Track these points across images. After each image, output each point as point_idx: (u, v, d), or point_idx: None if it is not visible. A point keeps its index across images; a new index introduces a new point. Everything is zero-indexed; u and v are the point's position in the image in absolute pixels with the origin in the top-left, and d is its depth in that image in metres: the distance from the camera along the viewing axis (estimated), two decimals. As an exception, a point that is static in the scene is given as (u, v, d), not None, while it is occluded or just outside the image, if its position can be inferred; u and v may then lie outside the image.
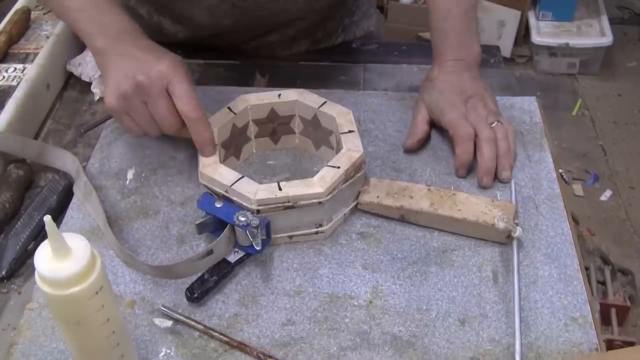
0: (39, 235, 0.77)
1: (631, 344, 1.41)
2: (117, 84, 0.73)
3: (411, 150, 0.86)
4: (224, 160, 0.80)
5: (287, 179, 0.80)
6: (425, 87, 0.89)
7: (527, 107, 0.94)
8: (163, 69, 0.72)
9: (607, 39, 2.60)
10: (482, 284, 0.72)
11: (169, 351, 0.66)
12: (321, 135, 0.84)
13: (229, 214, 0.71)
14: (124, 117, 0.75)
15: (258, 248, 0.70)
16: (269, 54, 1.06)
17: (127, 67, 0.72)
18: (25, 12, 1.06)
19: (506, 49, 2.68)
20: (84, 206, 0.80)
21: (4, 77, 0.95)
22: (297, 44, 1.06)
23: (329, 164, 0.75)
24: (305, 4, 0.97)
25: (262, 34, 1.03)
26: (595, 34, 2.63)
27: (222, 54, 1.05)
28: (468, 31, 0.88)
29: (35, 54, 0.98)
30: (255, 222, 0.70)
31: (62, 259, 0.51)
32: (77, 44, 1.04)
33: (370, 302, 0.70)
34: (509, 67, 2.33)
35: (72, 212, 0.80)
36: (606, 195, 2.17)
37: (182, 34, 1.03)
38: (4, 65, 0.98)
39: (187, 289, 0.70)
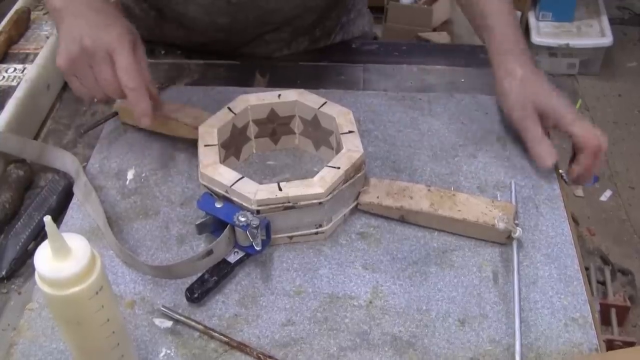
0: (39, 235, 0.76)
1: (631, 344, 1.41)
2: (66, 45, 0.73)
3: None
4: (224, 161, 0.80)
5: (287, 180, 0.80)
6: (522, 86, 0.84)
7: (527, 107, 0.94)
8: (110, 36, 0.73)
9: (607, 39, 2.60)
10: (482, 284, 0.72)
11: (169, 351, 0.66)
12: (321, 135, 0.84)
13: (229, 214, 0.71)
14: (72, 79, 0.76)
15: (258, 248, 0.70)
16: (267, 54, 1.06)
17: (77, 29, 0.73)
18: (25, 12, 1.06)
19: (506, 49, 2.67)
20: (84, 206, 0.80)
21: (4, 77, 0.95)
22: (296, 43, 1.06)
23: (329, 164, 0.75)
24: (300, 2, 0.97)
25: (259, 33, 1.03)
26: (595, 34, 2.63)
27: (222, 54, 1.05)
28: (518, 21, 0.89)
29: (35, 54, 0.98)
30: (255, 222, 0.70)
31: (62, 259, 0.51)
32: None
33: (370, 302, 0.70)
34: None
35: (72, 212, 0.80)
36: (606, 195, 2.17)
37: (179, 36, 1.03)
38: (4, 66, 0.98)
39: (187, 289, 0.70)
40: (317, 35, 1.07)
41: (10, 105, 0.88)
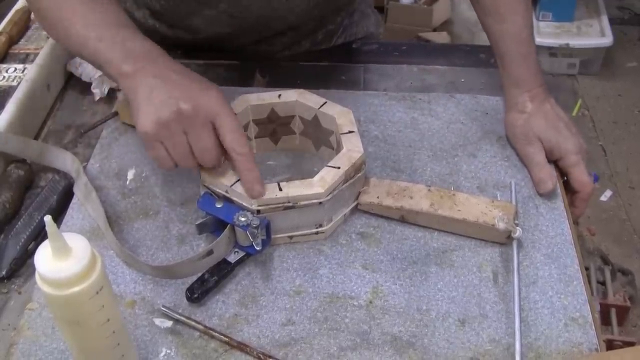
0: (39, 235, 0.77)
1: (631, 344, 1.40)
2: (156, 108, 0.67)
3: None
4: (224, 161, 0.80)
5: (287, 180, 0.80)
6: (528, 121, 0.84)
7: (527, 107, 0.94)
8: (211, 100, 0.68)
9: (607, 39, 2.60)
10: (482, 284, 0.72)
11: (169, 351, 0.66)
12: (321, 135, 0.84)
13: (229, 214, 0.71)
14: (157, 145, 0.69)
15: (258, 248, 0.70)
16: (268, 55, 1.06)
17: (167, 91, 0.67)
18: (26, 13, 1.06)
19: (506, 49, 2.67)
20: (84, 206, 0.80)
21: (4, 77, 0.95)
22: (297, 45, 1.06)
23: (329, 164, 0.75)
24: (303, 11, 0.97)
25: (261, 38, 1.03)
26: (595, 34, 2.63)
27: (222, 54, 1.05)
28: (536, 53, 0.86)
29: (36, 54, 0.98)
30: (256, 222, 0.70)
31: (63, 259, 0.51)
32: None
33: (370, 302, 0.71)
34: (509, 67, 2.32)
35: (73, 212, 0.80)
36: (606, 195, 2.17)
37: (180, 38, 1.03)
38: (4, 66, 0.98)
39: (188, 289, 0.70)
40: (319, 39, 1.07)
41: (11, 105, 0.88)
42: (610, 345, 1.33)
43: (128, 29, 0.74)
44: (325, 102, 0.83)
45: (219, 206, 0.73)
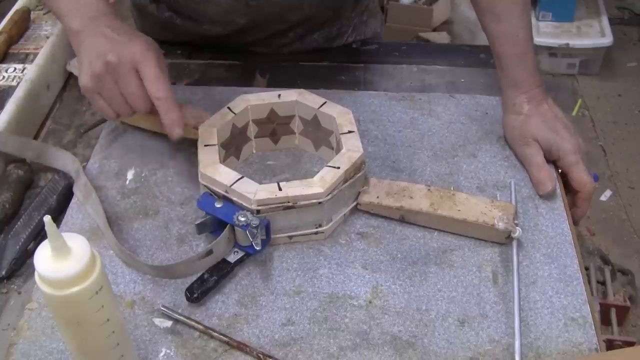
0: (39, 235, 0.77)
1: (631, 344, 1.40)
2: (89, 64, 0.72)
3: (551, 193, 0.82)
4: (223, 161, 0.80)
5: (287, 179, 0.80)
6: (525, 122, 0.84)
7: (527, 107, 0.94)
8: (134, 50, 0.72)
9: (607, 39, 2.60)
10: (482, 284, 0.72)
11: (168, 351, 0.66)
12: (321, 135, 0.84)
13: (229, 214, 0.71)
14: (96, 97, 0.75)
15: (258, 248, 0.70)
16: (279, 48, 1.06)
17: (99, 47, 0.72)
18: (25, 12, 1.06)
19: (506, 49, 2.67)
20: (83, 206, 0.80)
21: (3, 77, 0.95)
22: (309, 39, 1.06)
23: (328, 164, 0.75)
24: (318, 1, 0.97)
25: (275, 30, 1.03)
26: (595, 34, 2.63)
27: (223, 54, 1.05)
28: (534, 54, 0.86)
29: (35, 54, 0.98)
30: (255, 222, 0.70)
31: (62, 259, 0.51)
32: (77, 44, 1.04)
33: (370, 302, 0.70)
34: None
35: (72, 212, 0.80)
36: (606, 195, 2.17)
37: (192, 33, 1.03)
38: (4, 66, 0.98)
39: (187, 289, 0.70)
40: (333, 35, 1.07)
41: (10, 105, 0.88)
42: (610, 345, 1.33)
43: None
44: (325, 102, 0.83)
45: (218, 206, 0.73)
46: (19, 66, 0.97)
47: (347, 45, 1.09)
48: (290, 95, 0.84)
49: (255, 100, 0.84)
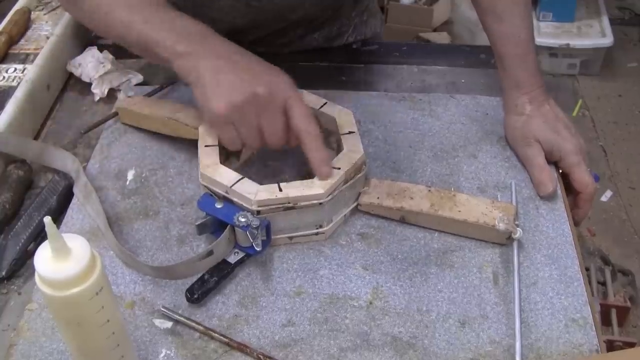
0: (39, 236, 0.76)
1: (632, 344, 1.40)
2: (229, 90, 0.68)
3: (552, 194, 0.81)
4: (224, 161, 0.80)
5: (287, 180, 0.80)
6: (527, 123, 0.84)
7: (528, 107, 0.93)
8: (282, 84, 0.70)
9: (607, 40, 2.60)
10: (483, 285, 0.72)
11: (169, 352, 0.66)
12: (321, 136, 0.84)
13: (229, 215, 0.71)
14: (228, 127, 0.71)
15: (258, 249, 0.70)
16: (279, 47, 1.05)
17: (235, 74, 0.69)
18: (26, 13, 1.06)
19: (506, 49, 2.67)
20: (84, 207, 0.80)
21: (4, 77, 0.95)
22: (310, 38, 1.06)
23: (329, 164, 0.75)
24: (318, 0, 0.97)
25: (275, 30, 1.03)
26: (595, 34, 2.63)
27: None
28: (535, 54, 0.86)
29: (36, 55, 0.98)
30: (256, 223, 0.70)
31: (62, 259, 0.51)
32: (77, 44, 1.04)
33: (371, 303, 0.70)
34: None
35: (72, 212, 0.80)
36: (606, 195, 2.17)
37: None
38: (4, 66, 0.98)
39: (187, 290, 0.70)
40: (333, 35, 1.07)
41: (10, 105, 0.88)
42: (611, 346, 1.33)
43: (173, 9, 0.74)
44: (326, 103, 0.83)
45: (219, 207, 0.73)
46: (19, 66, 0.97)
47: (348, 45, 1.09)
48: None
49: (256, 100, 0.83)
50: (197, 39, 0.72)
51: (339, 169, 0.74)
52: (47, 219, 0.50)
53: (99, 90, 0.96)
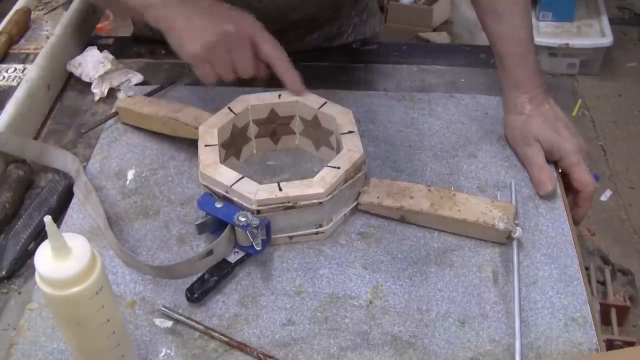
0: (39, 235, 0.76)
1: (631, 344, 1.40)
2: (200, 32, 0.74)
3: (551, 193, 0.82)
4: (224, 161, 0.80)
5: (287, 180, 0.80)
6: (527, 122, 0.84)
7: (527, 107, 0.94)
8: (248, 21, 0.77)
9: (607, 39, 2.60)
10: (482, 284, 0.72)
11: (169, 351, 0.66)
12: (321, 135, 0.84)
13: (229, 214, 0.71)
14: (205, 64, 0.77)
15: (258, 248, 0.70)
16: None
17: (205, 17, 0.75)
18: (26, 12, 1.06)
19: (506, 49, 2.67)
20: (84, 206, 0.80)
21: (4, 77, 0.95)
22: (309, 38, 1.06)
23: (329, 164, 0.75)
24: (318, 0, 0.98)
25: (275, 30, 1.03)
26: (595, 34, 2.63)
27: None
28: (535, 54, 0.86)
29: (36, 54, 0.98)
30: (256, 222, 0.70)
31: (63, 259, 0.51)
32: (77, 44, 1.04)
33: (370, 302, 0.70)
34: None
35: (72, 212, 0.80)
36: (606, 195, 2.17)
37: None
38: (4, 66, 0.98)
39: (188, 289, 0.70)
40: (333, 34, 1.07)
41: (10, 105, 0.88)
42: (610, 345, 1.33)
43: None
44: (325, 102, 0.83)
45: (219, 206, 0.73)
46: (20, 66, 0.97)
47: (347, 45, 1.09)
48: (290, 95, 0.84)
49: (256, 100, 0.84)
50: None
51: (339, 168, 0.74)
52: (48, 219, 0.50)
53: (99, 90, 0.96)
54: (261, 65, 0.79)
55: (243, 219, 0.70)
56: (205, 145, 0.77)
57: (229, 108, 0.83)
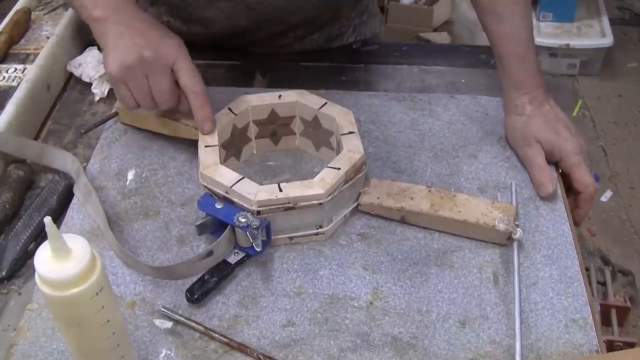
0: (39, 236, 0.76)
1: (632, 345, 1.40)
2: (122, 53, 0.74)
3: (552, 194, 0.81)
4: (224, 161, 0.80)
5: (288, 180, 0.80)
6: (527, 123, 0.84)
7: (528, 108, 0.93)
8: (171, 47, 0.75)
9: (607, 40, 2.60)
10: (483, 285, 0.72)
11: (169, 352, 0.66)
12: (321, 136, 0.84)
13: (229, 215, 0.71)
14: (121, 86, 0.76)
15: (258, 249, 0.70)
16: (279, 49, 1.05)
17: (131, 39, 0.74)
18: (26, 13, 1.06)
19: (506, 49, 2.67)
20: (84, 207, 0.80)
21: (4, 77, 0.95)
22: (309, 39, 1.06)
23: (329, 165, 0.75)
24: (318, 2, 0.97)
25: (275, 32, 1.03)
26: (595, 34, 2.63)
27: (223, 55, 1.05)
28: (535, 54, 0.86)
29: (36, 55, 0.98)
30: (256, 223, 0.70)
31: (63, 259, 0.51)
32: (77, 44, 1.04)
33: (371, 303, 0.70)
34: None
35: (72, 212, 0.80)
36: (606, 195, 2.17)
37: (195, 34, 1.03)
38: (4, 66, 0.98)
39: (188, 290, 0.70)
40: (333, 35, 1.07)
41: (10, 105, 0.88)
42: (611, 346, 1.33)
43: None
44: (326, 103, 0.83)
45: (219, 207, 0.73)
46: (20, 66, 0.97)
47: (348, 45, 1.09)
48: (290, 95, 0.84)
49: (256, 100, 0.84)
50: (112, 6, 0.78)
51: (339, 169, 0.74)
52: (48, 219, 0.50)
53: (99, 90, 0.96)
54: (183, 97, 0.78)
55: (243, 220, 0.70)
56: (206, 146, 0.77)
57: (229, 108, 0.82)
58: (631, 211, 2.14)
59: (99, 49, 0.99)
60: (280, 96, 0.84)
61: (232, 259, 0.72)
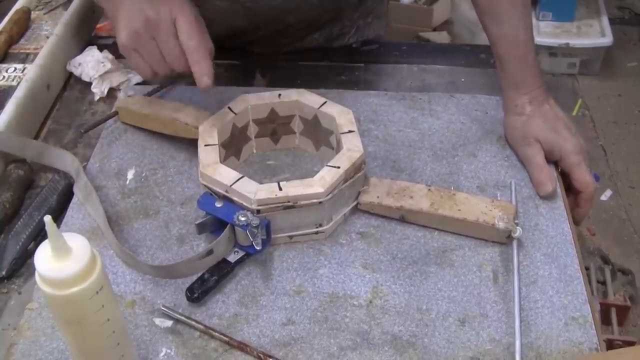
0: (39, 235, 0.77)
1: (631, 343, 1.40)
2: (128, 20, 0.73)
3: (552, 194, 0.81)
4: (224, 160, 0.80)
5: (287, 179, 0.80)
6: (527, 123, 0.84)
7: (527, 107, 0.94)
8: (172, 5, 0.73)
9: (607, 39, 2.60)
10: (482, 283, 0.72)
11: (169, 351, 0.66)
12: (321, 135, 0.84)
13: (229, 214, 0.71)
14: (133, 54, 0.75)
15: (258, 248, 0.70)
16: (279, 48, 1.05)
17: (135, 4, 0.73)
18: (26, 12, 1.06)
19: (506, 49, 2.67)
20: (84, 206, 0.80)
21: (4, 77, 0.95)
22: (309, 38, 1.06)
23: (329, 164, 0.75)
24: (318, 3, 0.97)
25: (274, 31, 1.03)
26: (595, 34, 2.63)
27: (223, 54, 1.05)
28: (535, 54, 0.86)
29: (35, 54, 0.98)
30: (256, 222, 0.70)
31: (63, 259, 0.51)
32: (77, 44, 1.04)
33: (370, 301, 0.70)
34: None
35: (72, 212, 0.80)
36: (606, 195, 2.17)
37: None
38: (4, 65, 0.98)
39: (188, 289, 0.70)
40: (334, 35, 1.07)
41: (10, 105, 0.88)
42: (611, 345, 1.33)
43: None
44: (325, 102, 0.83)
45: (218, 206, 0.73)
46: (19, 66, 0.97)
47: (348, 45, 1.09)
48: (290, 95, 0.84)
49: (256, 100, 0.84)
50: None
51: (339, 168, 0.74)
52: (48, 218, 0.50)
53: (98, 90, 0.96)
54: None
55: (243, 219, 0.70)
56: (205, 145, 0.77)
57: (229, 108, 0.83)
58: (631, 210, 2.14)
59: (100, 48, 1.00)
60: (280, 95, 0.84)
61: (232, 258, 0.72)
